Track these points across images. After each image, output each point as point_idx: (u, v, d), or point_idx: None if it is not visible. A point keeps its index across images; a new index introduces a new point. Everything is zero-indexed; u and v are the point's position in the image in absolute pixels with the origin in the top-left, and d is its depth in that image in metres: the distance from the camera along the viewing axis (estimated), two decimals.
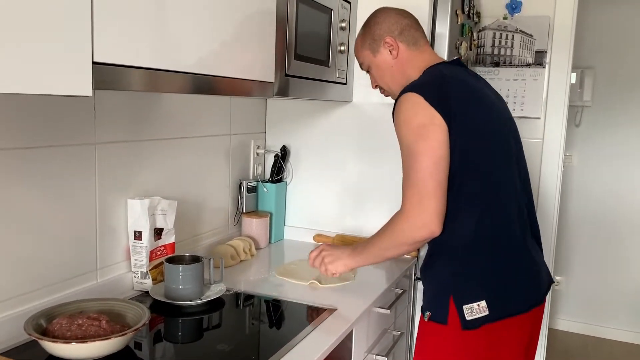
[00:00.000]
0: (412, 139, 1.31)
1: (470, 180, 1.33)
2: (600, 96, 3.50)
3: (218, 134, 1.92)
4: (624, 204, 3.50)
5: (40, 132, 1.25)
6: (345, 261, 1.50)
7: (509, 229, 1.38)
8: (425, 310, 1.40)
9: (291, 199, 2.20)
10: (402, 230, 1.34)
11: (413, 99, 1.32)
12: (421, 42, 1.51)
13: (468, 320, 1.31)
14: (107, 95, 1.42)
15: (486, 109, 1.39)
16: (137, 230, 1.50)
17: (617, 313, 3.59)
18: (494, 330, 1.33)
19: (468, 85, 1.40)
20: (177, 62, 1.07)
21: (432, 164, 1.28)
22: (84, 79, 0.86)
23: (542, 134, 2.56)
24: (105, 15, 0.89)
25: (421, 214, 1.29)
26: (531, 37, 2.52)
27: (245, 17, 1.28)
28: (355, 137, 2.06)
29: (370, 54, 1.52)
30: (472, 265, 1.34)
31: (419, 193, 1.29)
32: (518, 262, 1.38)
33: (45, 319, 1.15)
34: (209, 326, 1.38)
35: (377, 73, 1.54)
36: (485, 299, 1.31)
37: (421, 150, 1.29)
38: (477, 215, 1.34)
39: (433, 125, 1.29)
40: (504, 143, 1.41)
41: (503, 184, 1.39)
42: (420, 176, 1.29)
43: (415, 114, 1.31)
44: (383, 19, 1.50)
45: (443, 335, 1.35)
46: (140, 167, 1.56)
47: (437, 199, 1.29)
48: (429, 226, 1.29)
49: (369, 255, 1.45)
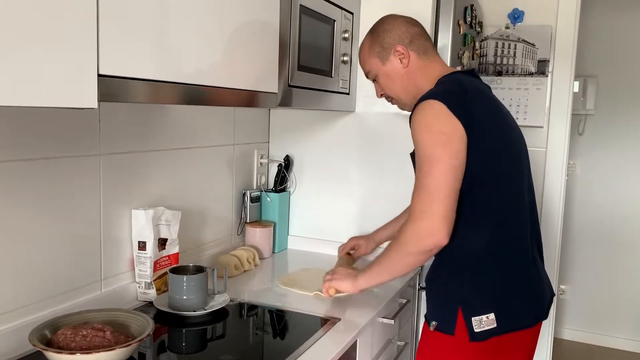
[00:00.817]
0: (432, 144, 1.27)
1: (486, 192, 1.33)
2: (604, 104, 3.50)
3: (222, 144, 1.92)
4: (629, 212, 3.49)
5: (46, 143, 1.26)
6: (353, 280, 1.47)
7: (519, 243, 1.38)
8: (431, 319, 1.39)
9: (294, 208, 2.20)
10: (408, 239, 1.30)
11: (436, 106, 1.29)
12: (431, 51, 1.49)
13: (476, 332, 1.31)
14: (111, 106, 1.43)
15: (502, 122, 1.39)
16: (142, 241, 1.50)
17: (623, 322, 3.57)
18: (500, 343, 1.33)
19: (487, 98, 1.40)
20: (181, 73, 1.08)
21: (447, 171, 1.26)
22: (90, 92, 0.87)
23: (545, 143, 2.56)
24: (110, 28, 0.90)
25: (429, 220, 1.25)
26: (533, 46, 2.53)
27: (248, 29, 1.29)
28: (358, 146, 2.07)
29: (378, 62, 1.49)
30: (483, 278, 1.34)
31: (430, 198, 1.26)
32: (526, 276, 1.38)
33: (50, 329, 1.15)
34: (213, 336, 1.38)
35: (385, 82, 1.50)
36: (494, 312, 1.31)
37: (439, 156, 1.26)
38: (491, 228, 1.34)
39: (455, 135, 1.27)
40: (517, 157, 1.41)
41: (516, 198, 1.39)
42: (434, 182, 1.26)
43: (438, 120, 1.28)
44: (392, 26, 1.47)
45: (449, 345, 1.35)
46: (144, 177, 1.57)
47: (446, 206, 1.25)
48: (436, 234, 1.25)
49: (374, 272, 1.42)
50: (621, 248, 3.53)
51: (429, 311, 1.42)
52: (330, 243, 2.13)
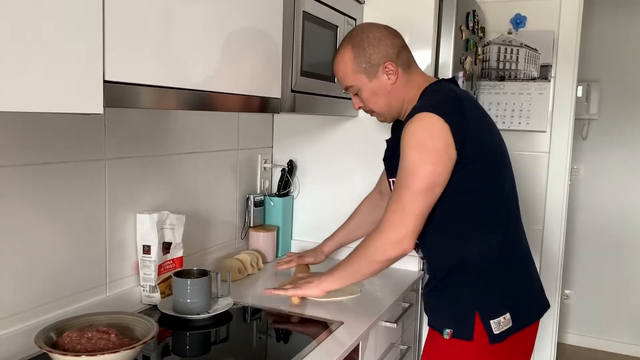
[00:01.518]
0: (419, 159, 1.28)
1: (491, 197, 1.36)
2: (607, 109, 3.50)
3: (226, 149, 1.94)
4: (633, 216, 3.48)
5: (51, 148, 1.28)
6: (317, 284, 1.47)
7: (522, 243, 1.44)
8: (444, 327, 1.37)
9: (298, 213, 2.21)
10: (377, 248, 1.34)
11: (432, 121, 1.28)
12: (413, 63, 1.47)
13: (496, 334, 1.33)
14: (116, 111, 1.45)
15: (492, 129, 1.43)
16: (146, 245, 1.51)
17: (627, 327, 3.55)
18: (515, 340, 1.36)
19: (478, 106, 1.43)
20: (185, 79, 1.10)
21: (427, 187, 1.28)
22: (95, 98, 0.88)
23: (548, 147, 2.56)
24: (116, 35, 0.92)
25: (400, 230, 1.29)
26: (536, 51, 2.54)
27: (251, 35, 1.31)
28: (361, 151, 2.08)
29: (364, 79, 1.43)
30: (496, 281, 1.37)
31: (404, 210, 1.29)
32: (529, 272, 1.45)
33: (56, 332, 1.16)
34: (217, 340, 1.39)
35: (369, 97, 1.46)
36: (509, 311, 1.34)
37: (425, 173, 1.27)
38: (501, 231, 1.37)
39: (445, 153, 1.28)
40: (507, 161, 1.45)
41: (514, 201, 1.44)
42: (412, 195, 1.28)
43: (432, 137, 1.28)
44: (378, 40, 1.41)
45: (468, 351, 1.35)
46: (149, 182, 1.59)
47: (418, 221, 1.29)
48: (403, 243, 1.29)
49: (339, 275, 1.43)
50: (625, 252, 3.52)
51: (440, 319, 1.40)
52: None
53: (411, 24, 1.90)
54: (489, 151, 1.36)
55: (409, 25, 1.90)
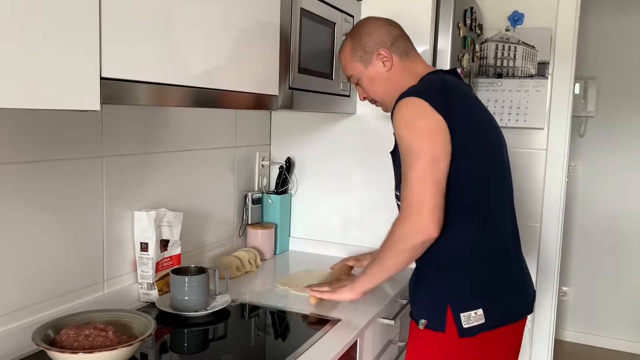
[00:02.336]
0: (414, 138, 1.28)
1: (468, 190, 1.35)
2: (604, 106, 3.50)
3: (223, 147, 1.94)
4: (630, 213, 3.49)
5: (48, 145, 1.27)
6: (350, 289, 1.45)
7: (504, 240, 1.41)
8: (419, 318, 1.39)
9: (296, 210, 2.21)
10: (399, 236, 1.31)
11: (417, 103, 1.30)
12: (412, 52, 1.49)
13: (465, 328, 1.33)
14: (114, 108, 1.45)
15: (483, 121, 1.41)
16: (144, 242, 1.51)
17: (624, 324, 3.57)
18: (489, 338, 1.35)
19: (467, 96, 1.42)
20: (183, 76, 1.10)
21: (430, 164, 1.26)
22: (92, 94, 0.88)
23: (545, 145, 2.57)
24: (112, 31, 0.91)
25: (417, 215, 1.26)
26: (533, 48, 2.54)
27: (249, 32, 1.31)
28: (359, 148, 2.08)
29: (361, 67, 1.49)
30: (470, 275, 1.36)
31: (416, 193, 1.26)
32: (511, 272, 1.42)
33: (53, 329, 1.16)
34: (215, 337, 1.39)
35: (369, 85, 1.51)
36: (481, 307, 1.33)
37: (423, 149, 1.26)
38: (476, 226, 1.35)
39: (438, 129, 1.28)
40: (500, 155, 1.43)
41: (500, 196, 1.42)
42: (417, 175, 1.26)
43: (422, 116, 1.29)
44: (373, 30, 1.47)
45: (439, 342, 1.36)
46: (146, 179, 1.58)
47: (433, 198, 1.25)
48: (426, 228, 1.26)
49: (370, 274, 1.41)
50: (623, 249, 3.53)
51: (417, 310, 1.43)
52: (332, 245, 2.14)
53: (409, 21, 1.89)
54: (473, 142, 1.34)
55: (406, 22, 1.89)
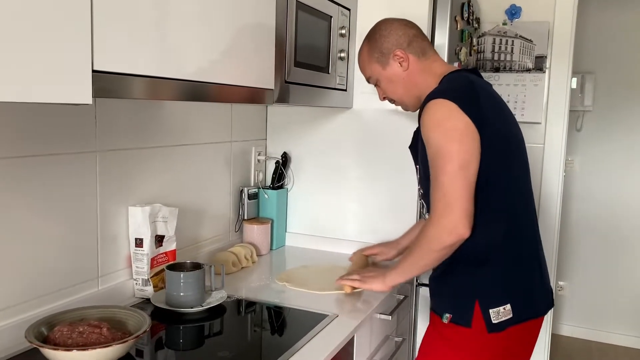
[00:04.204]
0: (444, 140, 1.29)
1: (498, 187, 1.36)
2: (601, 101, 3.50)
3: (219, 141, 1.92)
4: (627, 208, 3.49)
5: (42, 140, 1.26)
6: (382, 279, 1.49)
7: (529, 235, 1.43)
8: (444, 312, 1.40)
9: (292, 205, 2.20)
10: (431, 237, 1.32)
11: (446, 105, 1.30)
12: (430, 51, 1.51)
13: (494, 323, 1.33)
14: (108, 102, 1.43)
15: (507, 119, 1.42)
16: (138, 238, 1.50)
17: (622, 318, 3.57)
18: (516, 332, 1.36)
19: (493, 96, 1.42)
20: (178, 70, 1.08)
21: (461, 166, 1.27)
22: (84, 88, 0.86)
23: (543, 139, 2.56)
24: (105, 24, 0.90)
25: (448, 217, 1.28)
26: (531, 42, 2.53)
27: (244, 25, 1.29)
28: (356, 143, 2.07)
29: (379, 68, 1.51)
30: (498, 271, 1.37)
31: (446, 196, 1.28)
32: (535, 267, 1.43)
33: (47, 326, 1.15)
34: (210, 333, 1.38)
35: (387, 86, 1.53)
36: (510, 303, 1.34)
37: (453, 151, 1.27)
38: (505, 222, 1.37)
39: (468, 131, 1.29)
40: (523, 153, 1.45)
41: (525, 193, 1.43)
42: (448, 178, 1.27)
43: (450, 117, 1.29)
44: (389, 31, 1.48)
45: (465, 337, 1.36)
46: (141, 174, 1.57)
47: (464, 201, 1.27)
48: (457, 229, 1.27)
49: (402, 269, 1.44)
50: (620, 244, 3.53)
51: (441, 304, 1.43)
52: (328, 240, 2.13)
53: (406, 14, 1.88)
54: (501, 141, 1.36)
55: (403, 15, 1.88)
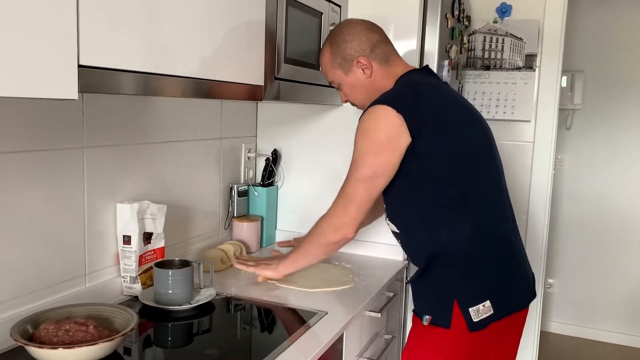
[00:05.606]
0: (364, 149, 1.35)
1: (460, 184, 1.35)
2: (591, 99, 3.52)
3: (209, 138, 1.91)
4: (616, 206, 3.52)
5: (27, 135, 1.24)
6: (275, 267, 1.58)
7: (500, 229, 1.42)
8: (424, 314, 1.39)
9: (282, 202, 2.19)
10: (320, 231, 1.44)
11: (381, 112, 1.33)
12: (392, 56, 1.50)
13: (475, 322, 1.33)
14: (95, 98, 1.41)
15: (463, 112, 1.42)
16: (126, 235, 1.49)
17: (609, 315, 3.60)
18: (499, 328, 1.36)
19: (440, 91, 1.42)
20: (167, 65, 1.07)
21: (369, 177, 1.34)
22: (70, 83, 0.85)
23: (532, 137, 2.57)
24: (91, 18, 0.88)
25: (341, 217, 1.38)
26: (521, 40, 2.53)
27: (234, 21, 1.28)
28: (346, 140, 2.05)
29: (341, 73, 1.50)
30: (474, 268, 1.36)
31: (348, 199, 1.37)
32: (512, 260, 1.43)
33: (32, 324, 1.13)
34: (199, 331, 1.37)
35: (350, 91, 1.52)
36: (489, 299, 1.34)
37: (367, 163, 1.34)
38: (473, 218, 1.36)
39: (388, 146, 1.32)
40: (486, 147, 1.44)
41: (491, 187, 1.42)
42: (354, 184, 1.36)
43: (376, 128, 1.33)
44: (352, 36, 1.46)
45: (445, 339, 1.36)
46: (129, 171, 1.55)
47: (360, 209, 1.37)
48: (344, 229, 1.38)
49: (293, 259, 1.55)
50: (608, 242, 3.56)
51: (421, 306, 1.42)
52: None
53: (397, 10, 1.88)
54: (454, 140, 1.35)
55: (394, 12, 1.89)
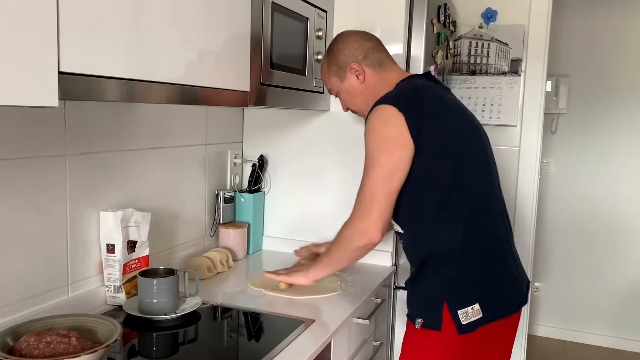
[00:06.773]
0: (376, 148, 1.35)
1: (453, 188, 1.36)
2: (576, 104, 3.55)
3: (194, 144, 1.89)
4: (601, 209, 3.54)
5: (9, 143, 1.21)
6: (307, 273, 1.56)
7: (492, 233, 1.43)
8: (416, 317, 1.40)
9: (269, 209, 2.17)
10: (345, 237, 1.42)
11: (386, 111, 1.35)
12: (387, 62, 1.53)
13: (464, 324, 1.34)
14: (78, 104, 1.39)
15: (461, 117, 1.43)
16: (110, 243, 1.46)
17: (596, 318, 3.62)
18: (488, 331, 1.37)
19: (440, 97, 1.44)
20: (151, 72, 1.05)
21: (386, 175, 1.34)
22: (50, 90, 0.83)
23: (518, 142, 2.58)
24: (72, 22, 0.87)
25: (364, 220, 1.36)
26: (507, 45, 2.55)
27: (219, 26, 1.27)
28: (334, 146, 2.05)
29: (337, 81, 1.55)
30: (463, 271, 1.37)
31: (367, 200, 1.36)
32: (503, 264, 1.43)
33: (12, 337, 1.10)
34: (185, 340, 1.35)
35: (346, 98, 1.57)
36: (478, 302, 1.34)
37: (382, 160, 1.34)
38: (464, 222, 1.37)
39: (399, 141, 1.33)
40: (481, 151, 1.45)
41: (485, 191, 1.43)
42: (372, 184, 1.35)
43: (385, 125, 1.35)
44: (345, 45, 1.52)
45: (436, 341, 1.37)
46: (112, 178, 1.53)
47: (382, 208, 1.35)
48: (369, 232, 1.35)
49: (321, 266, 1.53)
50: (594, 245, 3.58)
51: (413, 309, 1.44)
52: (306, 244, 2.11)
53: (382, 16, 1.88)
54: (449, 141, 1.37)
55: (380, 17, 1.89)
